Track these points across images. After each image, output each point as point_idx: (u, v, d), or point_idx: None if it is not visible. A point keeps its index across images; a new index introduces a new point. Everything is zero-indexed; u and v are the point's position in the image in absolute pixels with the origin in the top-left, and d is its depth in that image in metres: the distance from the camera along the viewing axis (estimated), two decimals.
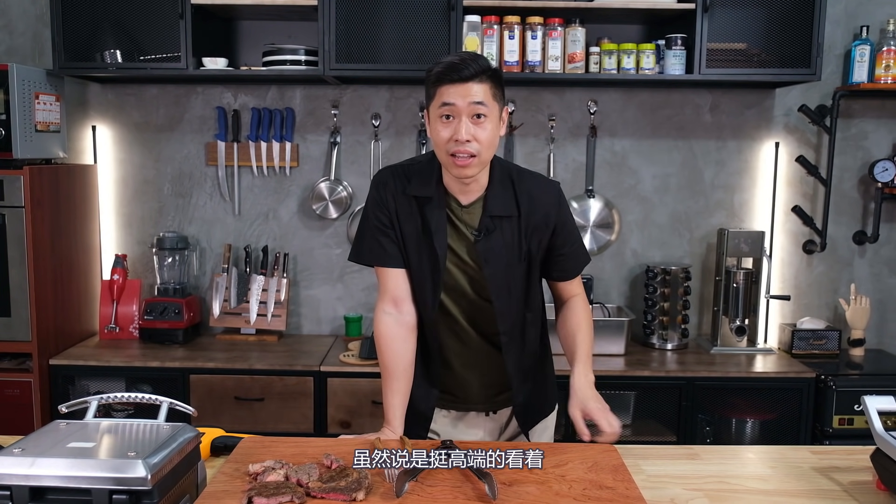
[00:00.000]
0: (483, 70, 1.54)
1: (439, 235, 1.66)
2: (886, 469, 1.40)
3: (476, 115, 1.55)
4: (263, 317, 3.14)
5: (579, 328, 1.75)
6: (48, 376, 2.80)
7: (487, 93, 1.55)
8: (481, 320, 1.74)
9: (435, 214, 1.67)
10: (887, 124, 3.18)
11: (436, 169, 1.68)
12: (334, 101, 3.17)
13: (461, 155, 1.55)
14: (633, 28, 3.11)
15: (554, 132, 3.16)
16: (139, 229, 3.26)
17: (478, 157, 1.57)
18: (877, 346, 3.26)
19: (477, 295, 1.71)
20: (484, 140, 1.56)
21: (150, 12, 2.83)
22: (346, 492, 1.28)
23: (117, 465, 1.13)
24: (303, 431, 2.76)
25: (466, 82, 1.53)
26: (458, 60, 1.54)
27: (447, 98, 1.54)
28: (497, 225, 1.67)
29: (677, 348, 3.08)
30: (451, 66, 1.54)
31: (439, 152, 1.60)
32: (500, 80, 1.59)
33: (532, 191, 1.69)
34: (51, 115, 2.93)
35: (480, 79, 1.54)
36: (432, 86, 1.58)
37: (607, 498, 1.31)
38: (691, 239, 3.26)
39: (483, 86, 1.54)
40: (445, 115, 1.56)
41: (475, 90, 1.53)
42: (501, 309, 1.71)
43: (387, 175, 1.72)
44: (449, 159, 1.58)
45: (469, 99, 1.53)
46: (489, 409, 1.82)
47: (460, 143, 1.54)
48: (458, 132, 1.54)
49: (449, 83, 1.54)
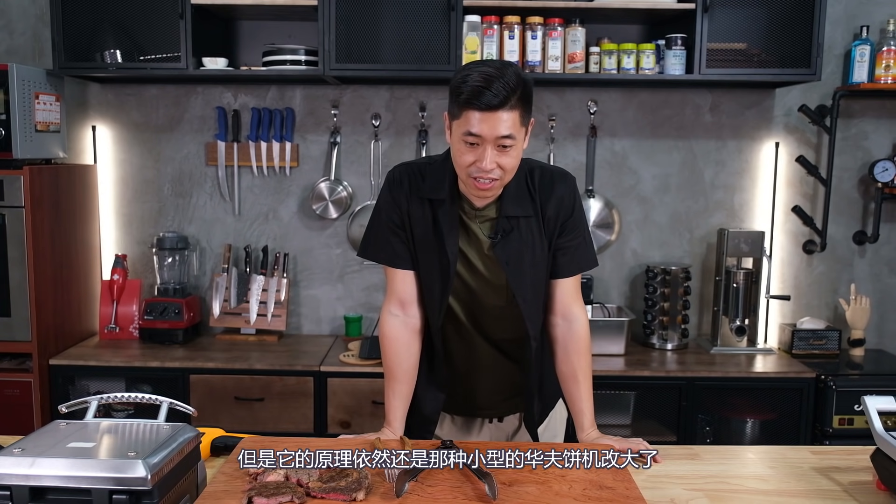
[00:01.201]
0: (512, 91, 1.45)
1: (451, 239, 1.62)
2: (886, 469, 1.40)
3: (502, 145, 1.49)
4: (263, 317, 3.14)
5: (580, 368, 1.67)
6: (48, 376, 2.80)
7: (516, 121, 1.48)
8: (489, 326, 1.70)
9: (447, 217, 1.62)
10: (887, 124, 3.18)
11: (449, 170, 1.63)
12: (334, 101, 3.17)
13: (482, 179, 1.51)
14: (633, 28, 3.11)
15: (554, 132, 3.16)
16: (139, 229, 3.26)
17: (500, 181, 1.53)
18: (877, 346, 3.26)
19: (486, 300, 1.67)
20: (509, 167, 1.52)
21: (150, 12, 2.83)
22: (346, 492, 1.28)
23: (117, 465, 1.13)
24: (303, 431, 2.76)
25: (495, 111, 1.45)
26: (485, 84, 1.44)
27: (473, 128, 1.47)
28: (514, 225, 1.62)
29: (677, 348, 3.08)
30: (478, 92, 1.44)
31: (460, 172, 1.55)
32: (529, 97, 1.50)
33: (545, 183, 1.65)
34: (51, 115, 2.93)
35: (511, 106, 1.46)
36: (458, 106, 1.49)
37: (607, 498, 1.31)
38: (691, 239, 3.26)
39: (512, 114, 1.46)
40: (470, 143, 1.49)
41: (503, 120, 1.46)
42: (529, 313, 1.65)
43: (401, 174, 1.68)
44: (469, 181, 1.53)
45: (496, 133, 1.46)
46: (496, 416, 1.79)
47: (483, 171, 1.50)
48: (482, 160, 1.48)
49: (476, 110, 1.46)
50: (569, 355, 1.69)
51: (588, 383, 1.69)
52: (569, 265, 1.68)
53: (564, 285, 1.70)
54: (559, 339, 1.70)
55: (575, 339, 1.68)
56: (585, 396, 1.68)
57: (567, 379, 1.69)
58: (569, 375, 1.69)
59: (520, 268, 1.63)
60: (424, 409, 1.75)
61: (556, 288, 1.70)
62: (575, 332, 1.69)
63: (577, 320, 1.69)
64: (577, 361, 1.68)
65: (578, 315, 1.70)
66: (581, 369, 1.68)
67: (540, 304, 1.68)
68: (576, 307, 1.70)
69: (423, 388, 1.75)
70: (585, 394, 1.68)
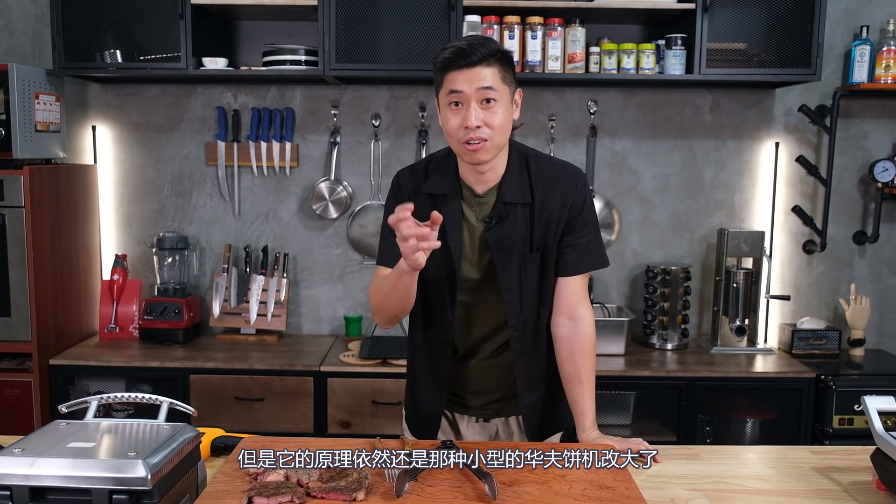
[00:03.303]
0: (491, 53, 1.50)
1: (454, 234, 1.62)
2: (886, 469, 1.40)
3: (485, 99, 1.50)
4: (263, 317, 3.14)
5: (584, 369, 1.66)
6: (48, 376, 2.80)
7: (496, 76, 1.51)
8: (480, 319, 1.69)
9: (450, 212, 1.61)
10: (887, 124, 3.18)
11: (452, 161, 1.64)
12: (334, 101, 3.17)
13: (473, 141, 1.52)
14: (633, 28, 3.11)
15: (554, 132, 3.16)
16: (139, 229, 3.26)
17: (490, 142, 1.52)
18: (877, 346, 3.26)
19: (487, 292, 1.66)
20: (496, 124, 1.52)
21: (150, 12, 2.83)
22: (346, 492, 1.28)
23: (117, 465, 1.13)
24: (303, 431, 2.76)
25: (474, 67, 1.49)
26: (465, 45, 1.50)
27: (455, 85, 1.50)
28: (510, 212, 1.62)
29: (677, 348, 3.08)
30: (458, 52, 1.49)
31: (452, 141, 1.57)
32: (510, 62, 1.55)
33: (550, 177, 1.64)
34: (51, 115, 2.93)
35: (489, 62, 1.50)
36: (439, 73, 1.54)
37: (607, 498, 1.31)
38: (691, 239, 3.26)
39: (492, 69, 1.50)
40: (454, 102, 1.52)
41: (483, 74, 1.49)
42: (512, 302, 1.64)
43: (403, 175, 1.70)
44: (461, 147, 1.54)
45: (477, 84, 1.49)
46: (480, 417, 1.77)
47: (470, 129, 1.50)
48: (468, 118, 1.50)
49: (456, 69, 1.50)
50: (574, 356, 1.67)
51: (591, 384, 1.68)
52: (576, 263, 1.66)
53: (571, 284, 1.68)
54: (564, 339, 1.68)
55: (581, 340, 1.67)
56: (588, 398, 1.67)
57: (571, 379, 1.68)
58: (573, 376, 1.68)
59: (509, 255, 1.62)
60: (426, 409, 1.74)
61: (563, 287, 1.68)
62: (581, 333, 1.68)
63: (583, 320, 1.68)
64: (582, 362, 1.67)
65: (585, 315, 1.68)
66: (585, 370, 1.67)
67: (526, 297, 1.66)
68: (582, 307, 1.69)
69: (425, 386, 1.74)
70: (588, 395, 1.67)
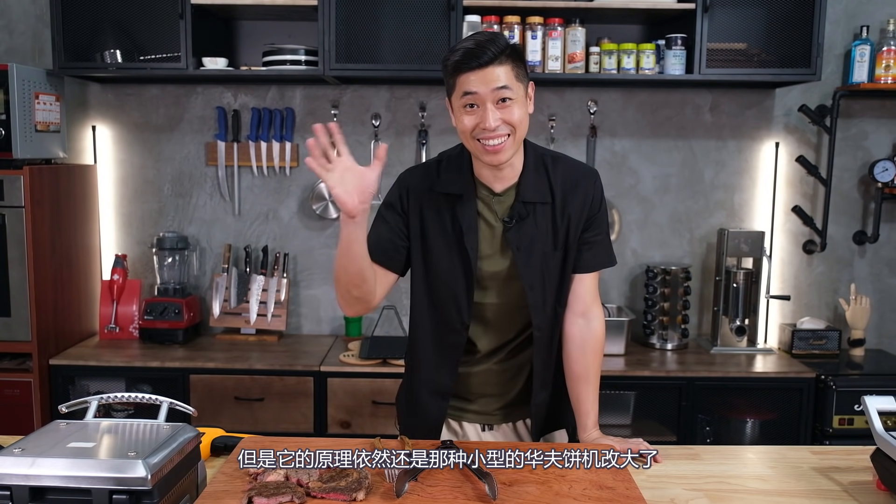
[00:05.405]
0: (501, 50, 1.47)
1: (470, 235, 1.59)
2: (886, 469, 1.40)
3: (501, 99, 1.48)
4: (263, 317, 3.14)
5: (592, 368, 1.67)
6: (48, 376, 2.80)
7: (510, 74, 1.48)
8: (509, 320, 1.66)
9: (466, 212, 1.59)
10: (887, 124, 3.18)
11: (466, 159, 1.61)
12: (334, 101, 3.17)
13: (491, 142, 1.50)
14: (633, 28, 3.11)
15: (554, 132, 3.16)
16: (139, 229, 3.26)
17: (511, 137, 1.50)
18: (877, 346, 3.26)
19: (507, 293, 1.64)
20: (514, 121, 1.50)
21: (150, 12, 2.83)
22: (346, 492, 1.28)
23: (117, 465, 1.13)
24: (303, 431, 2.76)
25: (486, 67, 1.46)
26: (474, 45, 1.47)
27: (469, 87, 1.48)
28: (530, 211, 1.59)
29: (677, 348, 3.08)
30: (468, 53, 1.47)
31: (467, 141, 1.54)
32: (521, 57, 1.52)
33: (569, 177, 1.63)
34: (51, 115, 2.93)
35: (500, 61, 1.47)
36: (451, 76, 1.51)
37: (607, 498, 1.31)
38: (691, 239, 3.26)
39: (504, 68, 1.47)
40: (469, 105, 1.50)
41: (497, 74, 1.46)
42: (535, 301, 1.62)
43: (412, 173, 1.67)
44: (477, 146, 1.51)
45: (492, 85, 1.47)
46: (486, 424, 1.74)
47: (488, 130, 1.49)
48: (485, 120, 1.47)
49: (468, 71, 1.47)
50: (585, 355, 1.68)
51: (596, 384, 1.69)
52: (593, 260, 1.67)
53: (586, 282, 1.68)
54: (577, 337, 1.68)
55: (593, 339, 1.69)
56: (592, 398, 1.68)
57: (578, 378, 1.68)
58: (581, 375, 1.68)
59: (531, 254, 1.61)
60: (429, 415, 1.71)
61: (579, 285, 1.68)
62: (593, 331, 1.69)
63: (597, 319, 1.70)
64: (592, 361, 1.68)
65: (598, 314, 1.70)
66: (593, 370, 1.68)
67: (548, 295, 1.64)
68: (596, 306, 1.70)
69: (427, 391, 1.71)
70: (593, 395, 1.68)
